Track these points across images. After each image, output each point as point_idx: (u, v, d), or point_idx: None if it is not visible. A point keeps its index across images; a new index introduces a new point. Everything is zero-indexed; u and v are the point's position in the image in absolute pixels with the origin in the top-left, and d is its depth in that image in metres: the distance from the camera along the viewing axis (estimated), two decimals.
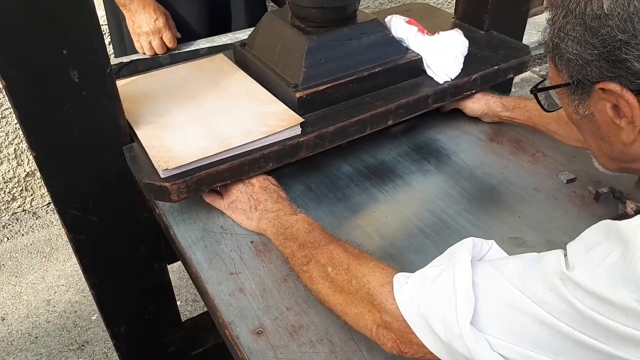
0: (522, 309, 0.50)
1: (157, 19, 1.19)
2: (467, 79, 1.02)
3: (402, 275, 0.62)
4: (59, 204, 0.86)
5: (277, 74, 0.95)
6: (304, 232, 0.75)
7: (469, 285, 0.53)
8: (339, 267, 0.67)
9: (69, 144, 0.81)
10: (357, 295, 0.64)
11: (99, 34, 0.76)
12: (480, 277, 0.54)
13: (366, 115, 0.92)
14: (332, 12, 0.94)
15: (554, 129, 0.98)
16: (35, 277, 1.86)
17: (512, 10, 1.23)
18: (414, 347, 0.59)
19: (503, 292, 0.52)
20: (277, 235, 0.78)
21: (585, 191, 0.92)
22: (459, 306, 0.52)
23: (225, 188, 0.85)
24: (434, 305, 0.55)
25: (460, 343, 0.52)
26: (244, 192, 0.84)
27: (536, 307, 0.49)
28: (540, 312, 0.48)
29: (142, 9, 1.19)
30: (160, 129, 0.87)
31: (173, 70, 1.07)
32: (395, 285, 0.61)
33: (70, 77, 0.76)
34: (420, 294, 0.57)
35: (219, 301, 0.73)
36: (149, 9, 1.19)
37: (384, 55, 0.99)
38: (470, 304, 0.52)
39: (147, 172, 0.80)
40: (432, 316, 0.55)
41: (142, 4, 1.19)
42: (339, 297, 0.66)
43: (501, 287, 0.52)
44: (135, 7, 1.18)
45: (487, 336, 0.51)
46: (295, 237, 0.75)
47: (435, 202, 0.91)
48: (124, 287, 1.02)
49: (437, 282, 0.56)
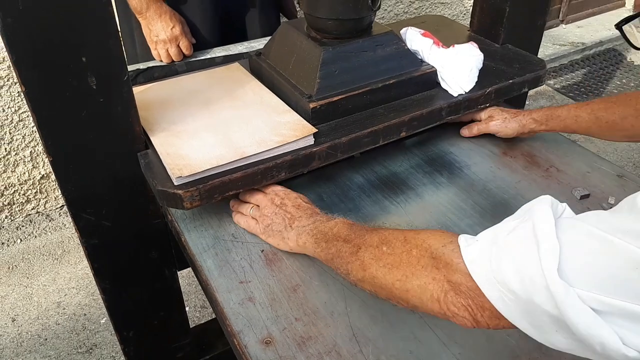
0: (619, 255, 0.43)
1: (174, 26, 1.20)
2: (481, 93, 1.01)
3: (467, 235, 0.56)
4: (73, 208, 0.87)
5: (292, 84, 0.96)
6: (346, 229, 0.72)
7: (553, 232, 0.47)
8: (394, 242, 0.62)
9: (84, 149, 0.82)
10: (419, 263, 0.58)
11: (118, 42, 0.77)
12: (563, 229, 0.47)
13: (379, 127, 0.93)
14: (348, 23, 0.95)
15: (594, 131, 0.95)
16: (46, 279, 1.87)
17: (528, 24, 1.23)
18: (486, 313, 0.52)
19: (593, 240, 0.45)
20: (318, 243, 0.74)
21: (599, 208, 0.91)
22: (543, 254, 0.46)
23: (259, 213, 0.83)
24: (509, 259, 0.49)
25: (545, 296, 0.45)
26: (278, 213, 0.82)
27: (637, 250, 0.42)
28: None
29: (159, 17, 1.20)
30: (174, 136, 0.88)
31: (189, 78, 1.08)
32: (462, 243, 0.55)
33: (88, 84, 0.77)
34: (492, 249, 0.51)
35: (228, 310, 0.73)
36: (165, 17, 1.21)
37: (399, 67, 0.99)
38: (555, 252, 0.46)
39: (160, 179, 0.81)
40: (507, 270, 0.48)
41: (158, 12, 1.20)
42: (397, 273, 0.60)
43: (590, 234, 0.45)
44: (151, 15, 1.20)
45: (575, 289, 0.44)
46: (338, 235, 0.71)
47: (447, 215, 0.91)
48: (134, 292, 1.03)
49: (512, 235, 0.50)
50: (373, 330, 0.71)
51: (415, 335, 0.71)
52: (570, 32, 3.59)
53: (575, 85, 3.17)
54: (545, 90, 3.12)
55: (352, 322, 0.72)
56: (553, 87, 3.15)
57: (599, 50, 3.53)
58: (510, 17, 1.16)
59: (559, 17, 3.59)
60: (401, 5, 2.74)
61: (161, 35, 1.20)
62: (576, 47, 3.44)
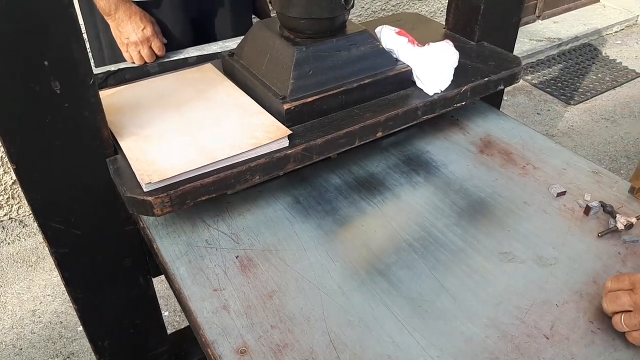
0: None
1: (145, 27, 1.17)
2: (457, 91, 1.01)
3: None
4: (40, 217, 0.84)
5: (265, 85, 0.94)
6: None
7: None
8: None
9: (50, 156, 0.79)
10: None
11: (82, 45, 0.74)
12: None
13: (355, 127, 0.91)
14: (321, 23, 0.93)
15: None
16: (20, 287, 1.82)
17: (503, 21, 1.22)
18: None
19: None
20: None
21: (575, 205, 0.91)
22: None
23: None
24: None
25: None
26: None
27: None
28: None
29: (128, 18, 1.17)
30: (144, 141, 0.85)
31: (160, 80, 1.06)
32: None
33: (51, 89, 0.74)
34: None
35: (201, 319, 0.71)
36: (135, 18, 1.18)
37: (374, 67, 0.98)
38: None
39: (130, 186, 0.78)
40: None
41: (128, 13, 1.17)
42: None
43: None
44: (120, 16, 1.17)
45: None
46: None
47: (424, 215, 0.90)
48: (107, 301, 1.00)
49: None
50: (350, 335, 0.70)
51: (394, 340, 0.70)
52: (546, 27, 3.62)
53: (552, 80, 3.20)
54: (523, 86, 3.15)
55: (329, 327, 0.71)
56: (530, 83, 3.17)
57: (575, 45, 3.56)
58: (485, 14, 1.16)
59: (536, 12, 3.62)
60: (378, 2, 2.73)
61: (132, 37, 1.17)
62: (552, 42, 3.47)
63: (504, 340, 0.70)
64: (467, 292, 0.76)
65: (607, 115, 2.85)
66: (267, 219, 0.89)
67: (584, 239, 0.85)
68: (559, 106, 2.95)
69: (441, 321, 0.72)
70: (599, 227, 0.87)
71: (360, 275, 0.79)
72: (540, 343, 0.69)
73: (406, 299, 0.75)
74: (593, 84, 3.16)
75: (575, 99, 3.01)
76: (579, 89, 3.12)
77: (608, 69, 3.32)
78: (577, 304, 0.74)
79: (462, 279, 0.78)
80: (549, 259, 0.82)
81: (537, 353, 0.68)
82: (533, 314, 0.73)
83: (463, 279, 0.78)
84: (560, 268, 0.80)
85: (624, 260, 0.81)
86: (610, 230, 0.85)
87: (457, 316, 0.73)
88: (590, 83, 3.18)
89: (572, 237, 0.85)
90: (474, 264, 0.81)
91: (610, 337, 0.70)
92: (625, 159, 2.52)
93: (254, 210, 0.91)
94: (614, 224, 0.85)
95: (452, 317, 0.73)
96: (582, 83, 3.18)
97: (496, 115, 1.16)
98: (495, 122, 1.14)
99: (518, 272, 0.80)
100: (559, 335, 0.70)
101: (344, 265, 0.81)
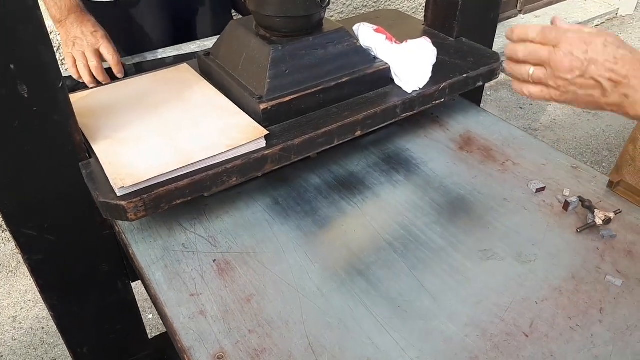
0: None
1: (96, 31, 1.08)
2: (435, 88, 1.00)
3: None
4: (11, 224, 0.82)
5: (242, 85, 0.92)
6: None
7: None
8: None
9: (21, 161, 0.77)
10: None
11: (49, 47, 0.72)
12: None
13: (333, 127, 0.90)
14: (297, 21, 0.92)
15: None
16: (0, 293, 1.79)
17: (482, 17, 1.22)
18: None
19: None
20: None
21: (554, 200, 0.91)
22: None
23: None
24: None
25: None
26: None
27: None
28: None
29: (80, 24, 1.08)
30: (118, 144, 0.84)
31: (134, 81, 1.04)
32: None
33: (19, 93, 0.72)
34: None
35: (178, 325, 0.70)
36: (88, 24, 1.08)
37: (351, 65, 0.97)
38: None
39: (103, 190, 0.77)
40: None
41: (80, 20, 1.08)
42: None
43: None
44: (72, 22, 1.07)
45: None
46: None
47: (405, 215, 0.89)
48: (85, 307, 0.98)
49: None
50: (329, 337, 0.69)
51: (373, 341, 0.69)
52: (528, 22, 3.64)
53: None
54: (506, 80, 3.16)
55: (307, 330, 0.70)
56: None
57: None
58: (464, 10, 1.16)
59: (517, 7, 3.63)
60: None
61: (79, 36, 1.07)
62: None
63: (484, 339, 0.69)
64: (447, 291, 0.76)
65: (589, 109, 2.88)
66: (245, 221, 0.88)
67: (563, 235, 0.85)
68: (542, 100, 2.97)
69: (421, 321, 0.72)
70: (578, 222, 0.87)
71: (339, 276, 0.78)
72: (519, 341, 0.69)
73: (386, 299, 0.75)
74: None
75: None
76: None
77: None
78: (556, 301, 0.74)
79: (442, 278, 0.78)
80: (529, 255, 0.82)
81: (517, 351, 0.68)
82: (512, 311, 0.73)
83: (443, 278, 0.78)
84: (540, 265, 0.80)
85: (602, 255, 0.81)
86: (589, 226, 0.85)
87: (437, 316, 0.72)
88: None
89: (551, 233, 0.85)
90: (454, 262, 0.81)
91: (589, 334, 0.70)
92: (607, 151, 2.54)
93: (232, 213, 0.90)
94: (592, 219, 0.85)
95: (431, 317, 0.72)
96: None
97: (476, 112, 1.16)
98: (475, 119, 1.14)
99: (498, 269, 0.79)
100: (538, 332, 0.70)
101: (323, 266, 0.80)
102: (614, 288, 0.76)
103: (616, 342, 0.69)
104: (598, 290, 0.76)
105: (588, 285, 0.76)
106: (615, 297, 0.75)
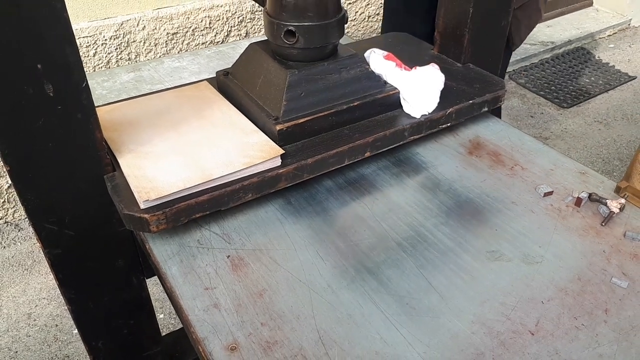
0: None
1: None
2: (442, 113, 1.03)
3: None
4: (33, 218, 0.85)
5: (259, 106, 0.95)
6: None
7: None
8: None
9: (44, 157, 0.81)
10: None
11: (75, 48, 0.76)
12: None
13: (344, 148, 0.93)
14: (313, 51, 0.95)
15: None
16: (16, 291, 1.83)
17: (489, 44, 1.24)
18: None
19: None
20: None
21: (562, 204, 0.93)
22: None
23: None
24: None
25: None
26: None
27: None
28: None
29: None
30: (142, 158, 0.87)
31: (157, 97, 1.07)
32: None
33: (45, 92, 0.76)
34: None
35: (192, 317, 0.72)
36: None
37: (363, 89, 1.00)
38: None
39: (127, 203, 0.80)
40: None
41: None
42: None
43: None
44: None
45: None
46: None
47: (414, 216, 0.91)
48: (101, 302, 1.01)
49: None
50: (339, 332, 0.71)
51: (381, 336, 0.71)
52: (540, 31, 3.65)
53: (546, 83, 3.23)
54: (517, 89, 3.17)
55: (318, 324, 0.72)
56: (524, 86, 3.20)
57: (568, 49, 3.60)
58: (472, 37, 1.17)
59: None
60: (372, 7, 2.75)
61: None
62: (546, 46, 3.50)
63: (490, 336, 0.71)
64: (455, 290, 0.78)
65: (600, 118, 2.88)
66: (258, 219, 0.91)
67: (570, 238, 0.86)
68: (553, 109, 2.97)
69: (428, 318, 0.74)
70: (585, 225, 0.88)
71: (349, 274, 0.80)
72: (525, 339, 0.71)
73: (394, 296, 0.77)
74: (586, 87, 3.19)
75: (569, 102, 3.04)
76: (572, 92, 3.15)
77: (601, 73, 3.35)
78: (562, 301, 0.76)
79: (450, 277, 0.80)
80: (535, 257, 0.83)
81: (522, 348, 0.70)
82: (519, 310, 0.74)
83: (451, 277, 0.80)
84: (546, 266, 0.81)
85: (608, 259, 0.82)
86: (610, 217, 0.87)
87: (444, 313, 0.74)
88: (583, 86, 3.20)
89: (558, 236, 0.87)
90: (461, 262, 0.82)
91: (594, 333, 0.71)
92: (618, 161, 2.54)
93: (246, 211, 0.92)
94: (607, 211, 0.87)
95: (439, 314, 0.74)
96: (576, 86, 3.21)
97: (486, 118, 1.18)
98: (484, 125, 1.16)
99: (505, 270, 0.81)
100: (544, 331, 0.72)
101: (333, 264, 0.82)
102: (620, 290, 0.77)
103: (620, 342, 0.70)
104: (603, 292, 0.77)
105: (594, 287, 0.78)
106: (621, 299, 0.76)
